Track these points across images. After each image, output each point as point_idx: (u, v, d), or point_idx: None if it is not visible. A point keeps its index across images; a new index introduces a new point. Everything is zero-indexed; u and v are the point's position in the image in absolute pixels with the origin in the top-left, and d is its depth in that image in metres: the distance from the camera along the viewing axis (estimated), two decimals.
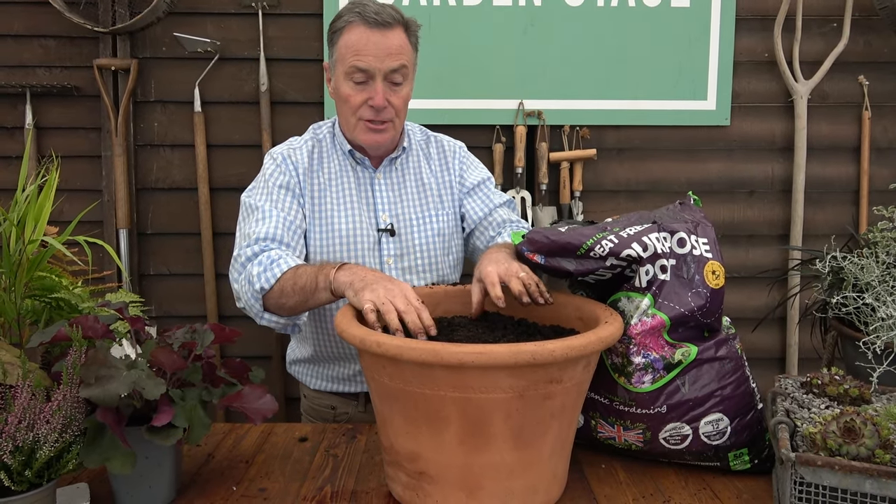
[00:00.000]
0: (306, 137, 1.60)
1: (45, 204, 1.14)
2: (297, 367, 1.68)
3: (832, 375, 1.11)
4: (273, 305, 1.36)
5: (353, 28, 1.43)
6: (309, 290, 1.29)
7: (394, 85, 1.46)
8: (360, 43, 1.42)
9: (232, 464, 1.24)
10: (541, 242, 1.20)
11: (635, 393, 1.14)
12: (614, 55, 2.36)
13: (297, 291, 1.31)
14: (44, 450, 0.92)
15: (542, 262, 1.21)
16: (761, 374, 1.57)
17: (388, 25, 1.42)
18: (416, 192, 1.60)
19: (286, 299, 1.33)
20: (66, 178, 2.30)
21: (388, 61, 1.43)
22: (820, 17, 2.41)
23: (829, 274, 1.33)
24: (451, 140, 1.70)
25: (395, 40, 1.43)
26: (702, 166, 2.46)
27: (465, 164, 1.67)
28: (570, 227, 1.22)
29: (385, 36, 1.42)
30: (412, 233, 1.56)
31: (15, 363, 1.00)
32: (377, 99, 1.44)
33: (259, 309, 1.37)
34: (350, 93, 1.46)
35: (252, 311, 1.39)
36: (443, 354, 0.92)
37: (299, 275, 1.32)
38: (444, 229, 1.60)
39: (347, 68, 1.44)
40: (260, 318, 1.39)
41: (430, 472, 1.02)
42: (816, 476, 0.88)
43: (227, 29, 2.36)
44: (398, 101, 1.47)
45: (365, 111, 1.46)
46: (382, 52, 1.42)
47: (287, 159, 1.54)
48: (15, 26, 2.33)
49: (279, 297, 1.34)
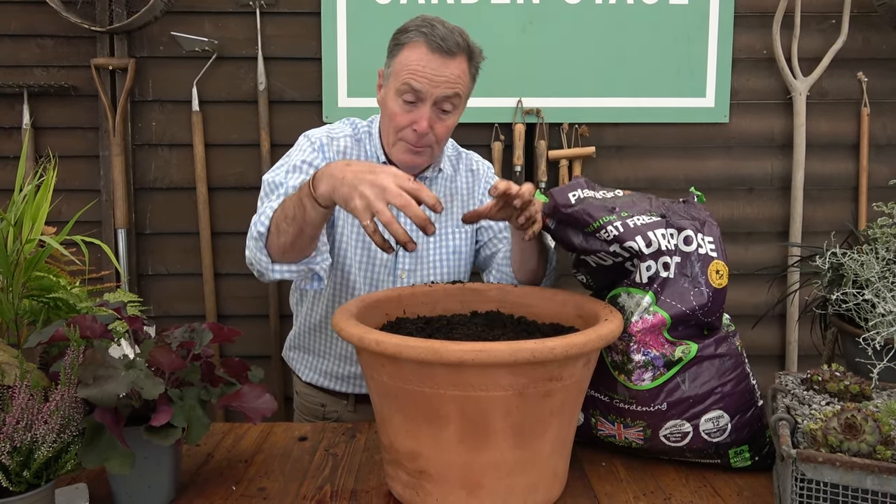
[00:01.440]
0: (347, 131, 1.55)
1: (42, 203, 1.14)
2: (293, 353, 1.67)
3: (832, 372, 1.11)
4: (276, 251, 1.26)
5: (416, 46, 1.39)
6: (299, 215, 1.19)
7: (442, 112, 1.42)
8: (419, 64, 1.38)
9: (231, 463, 1.23)
10: (554, 206, 1.22)
11: (635, 390, 1.14)
12: (613, 53, 2.36)
13: (290, 221, 1.21)
14: (42, 450, 0.92)
15: (552, 226, 1.23)
16: (761, 371, 1.57)
17: (451, 54, 1.39)
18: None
19: (283, 236, 1.23)
20: (63, 177, 2.30)
21: (442, 88, 1.39)
22: (819, 13, 2.41)
23: (828, 270, 1.33)
24: (480, 160, 1.68)
25: (455, 69, 1.40)
26: (701, 163, 2.45)
27: (490, 183, 1.62)
28: (581, 198, 1.22)
29: (445, 63, 1.38)
30: (428, 249, 1.55)
31: (13, 363, 0.99)
32: (421, 124, 1.40)
33: (267, 261, 1.28)
34: (397, 111, 1.42)
35: (262, 266, 1.29)
36: (442, 353, 0.92)
37: (286, 206, 1.23)
38: (461, 247, 1.58)
39: (400, 85, 1.40)
40: (272, 272, 1.29)
41: (430, 470, 1.02)
42: (817, 473, 0.88)
43: (224, 28, 2.36)
44: (442, 130, 1.44)
45: (408, 133, 1.43)
46: (440, 78, 1.38)
47: (325, 146, 1.49)
48: (12, 25, 2.32)
49: (277, 238, 1.24)
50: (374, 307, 1.24)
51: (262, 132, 2.35)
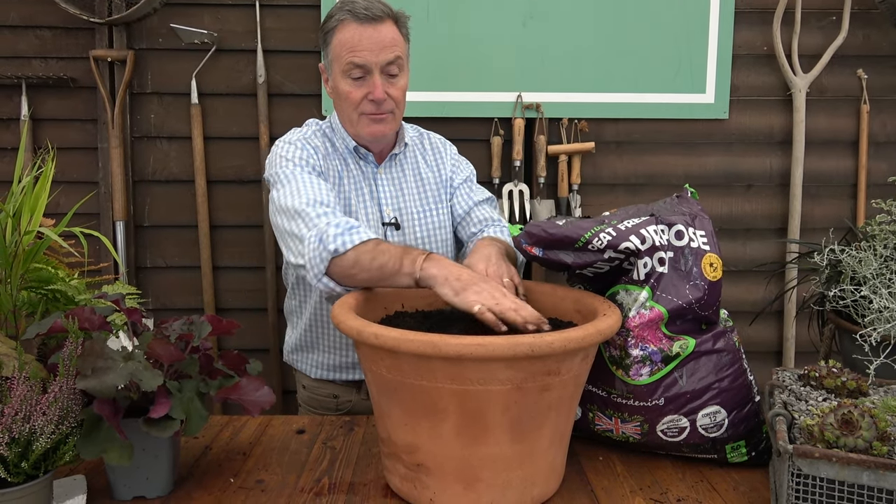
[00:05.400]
0: (314, 128, 1.59)
1: (40, 195, 1.14)
2: (296, 355, 1.67)
3: (829, 368, 1.11)
4: (339, 273, 1.26)
5: (346, 26, 1.45)
6: (389, 271, 1.21)
7: (390, 77, 1.48)
8: (353, 39, 1.44)
9: (229, 456, 1.24)
10: (539, 236, 1.20)
11: (633, 385, 1.14)
12: (613, 48, 2.36)
13: (375, 268, 1.22)
14: (40, 441, 0.92)
15: (539, 254, 1.21)
16: (758, 367, 1.57)
17: (378, 20, 1.45)
18: (416, 186, 1.63)
19: (359, 271, 1.24)
20: (62, 169, 2.30)
21: (383, 54, 1.45)
22: (819, 10, 2.40)
23: (826, 267, 1.33)
24: (442, 138, 1.75)
25: (388, 33, 1.46)
26: (700, 160, 2.45)
27: (456, 161, 1.71)
28: (568, 220, 1.21)
29: (377, 30, 1.44)
30: (414, 226, 1.59)
31: (11, 355, 0.99)
32: (377, 92, 1.46)
33: (321, 270, 1.27)
34: (349, 90, 1.48)
35: (312, 271, 1.28)
36: (441, 346, 0.92)
37: (381, 251, 1.23)
38: (445, 222, 1.64)
39: (344, 66, 1.46)
40: (317, 280, 1.28)
41: (427, 464, 1.02)
42: (814, 468, 0.88)
43: (224, 20, 2.35)
44: (397, 93, 1.50)
45: (366, 105, 1.48)
46: (376, 46, 1.44)
47: (306, 143, 1.52)
48: (10, 17, 2.31)
49: (351, 267, 1.24)
50: (372, 300, 1.24)
51: (262, 125, 2.34)
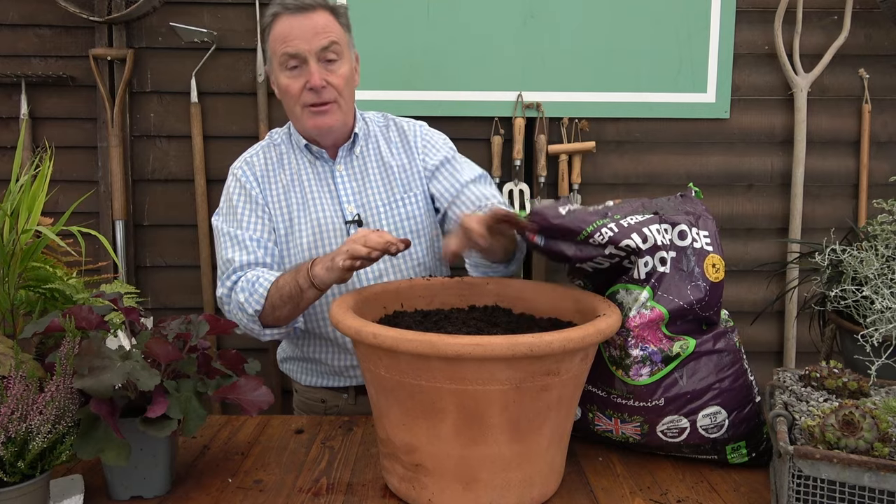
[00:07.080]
0: (263, 143, 1.62)
1: (39, 194, 1.13)
2: (288, 364, 1.69)
3: (830, 368, 1.10)
4: (270, 321, 1.41)
5: (279, 20, 1.45)
6: (296, 296, 1.34)
7: (329, 63, 1.45)
8: (286, 30, 1.43)
9: (227, 455, 1.23)
10: (542, 216, 1.17)
11: (633, 386, 1.13)
12: (614, 47, 2.35)
13: (286, 300, 1.35)
14: (37, 441, 0.92)
15: (541, 243, 1.19)
16: (759, 367, 1.56)
17: (310, 8, 1.44)
18: (381, 178, 1.57)
19: (279, 311, 1.38)
20: (61, 168, 2.29)
21: (316, 41, 1.43)
22: (820, 9, 2.39)
23: (828, 267, 1.33)
24: (409, 121, 1.66)
25: (321, 20, 1.44)
26: (701, 159, 2.45)
27: (427, 142, 1.61)
28: (572, 210, 1.19)
29: (309, 18, 1.43)
30: (380, 220, 1.53)
31: (8, 353, 0.99)
32: (314, 79, 1.43)
33: (259, 329, 1.43)
34: (288, 82, 1.46)
35: (254, 333, 1.44)
36: (439, 346, 0.91)
37: (281, 286, 1.36)
38: (414, 212, 1.56)
39: (280, 58, 1.45)
40: (263, 336, 1.44)
41: (426, 464, 1.01)
42: (814, 469, 0.88)
43: (223, 19, 2.34)
44: (337, 80, 1.46)
45: (307, 96, 1.46)
46: (309, 32, 1.43)
47: (244, 171, 1.55)
48: (10, 15, 2.31)
49: (272, 312, 1.38)
50: (371, 300, 1.24)
51: (261, 124, 2.34)
